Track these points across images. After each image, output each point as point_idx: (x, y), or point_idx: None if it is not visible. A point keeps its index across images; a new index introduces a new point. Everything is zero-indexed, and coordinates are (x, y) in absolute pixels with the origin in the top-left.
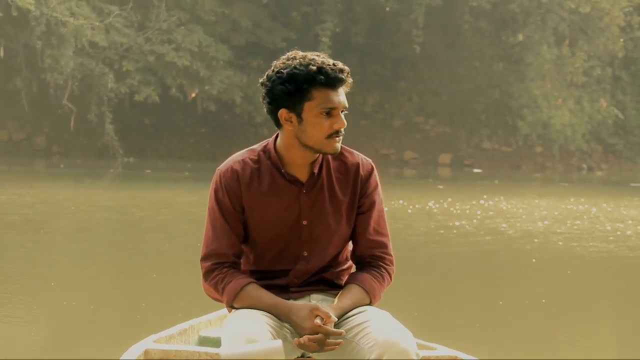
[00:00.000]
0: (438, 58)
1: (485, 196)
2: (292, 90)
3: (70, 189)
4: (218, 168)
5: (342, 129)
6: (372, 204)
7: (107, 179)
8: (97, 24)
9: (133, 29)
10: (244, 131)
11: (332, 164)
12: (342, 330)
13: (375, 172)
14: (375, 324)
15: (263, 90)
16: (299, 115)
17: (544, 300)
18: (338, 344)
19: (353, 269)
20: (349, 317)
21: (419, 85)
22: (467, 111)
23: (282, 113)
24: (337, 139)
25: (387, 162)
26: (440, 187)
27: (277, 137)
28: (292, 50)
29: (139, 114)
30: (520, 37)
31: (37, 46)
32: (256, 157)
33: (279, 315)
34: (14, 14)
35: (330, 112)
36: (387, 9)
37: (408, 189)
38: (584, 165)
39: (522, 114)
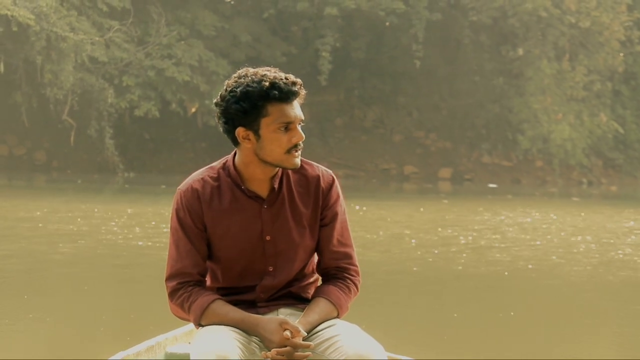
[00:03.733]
0: (438, 73)
1: (515, 210)
2: (247, 108)
3: (49, 203)
4: (178, 187)
5: (301, 142)
6: (335, 216)
7: (98, 193)
8: (97, 39)
9: (133, 44)
10: None
11: (293, 177)
12: (311, 343)
13: (337, 183)
14: (345, 338)
15: (218, 111)
16: (256, 133)
17: (512, 313)
18: (306, 356)
19: (319, 282)
20: (318, 332)
21: (419, 99)
22: (467, 126)
23: (240, 132)
24: (296, 153)
25: (387, 177)
26: (445, 201)
27: (235, 153)
28: (243, 68)
29: (139, 129)
30: (520, 51)
31: (37, 61)
32: (216, 175)
33: (247, 330)
34: (14, 29)
35: (287, 127)
36: (387, 23)
37: (412, 202)
38: (584, 180)
39: (522, 128)
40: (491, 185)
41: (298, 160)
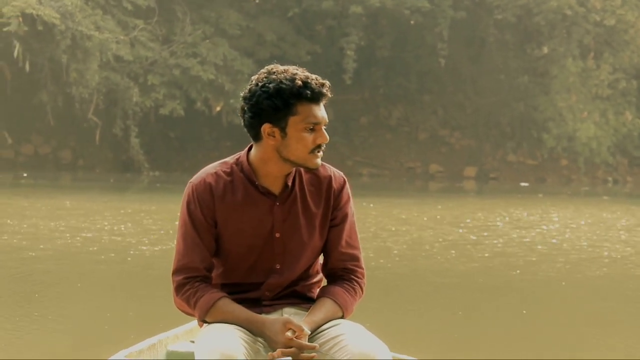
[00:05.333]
0: (463, 71)
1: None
2: (279, 105)
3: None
4: (190, 181)
5: (324, 144)
6: (345, 217)
7: (121, 192)
8: (122, 37)
9: (158, 43)
10: None
11: (305, 176)
12: (316, 344)
13: (347, 185)
14: (350, 337)
15: (246, 105)
16: (282, 130)
17: (524, 312)
18: (312, 357)
19: (323, 282)
20: (322, 331)
21: (444, 98)
22: (492, 124)
23: (265, 128)
24: (319, 154)
25: (412, 175)
26: (472, 199)
27: (249, 150)
28: (272, 65)
29: (164, 128)
30: (545, 50)
31: (63, 60)
32: (229, 170)
33: (252, 330)
34: (40, 28)
35: (314, 127)
36: (412, 22)
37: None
38: (610, 178)
39: (547, 126)
40: (523, 184)
41: (319, 161)
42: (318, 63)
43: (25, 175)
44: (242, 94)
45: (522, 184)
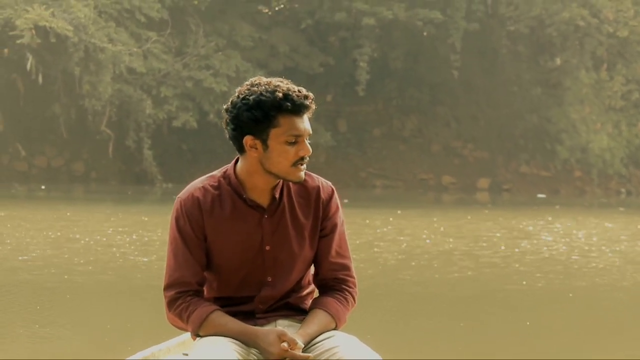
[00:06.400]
0: (476, 83)
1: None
2: (259, 116)
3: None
4: (178, 196)
5: (307, 157)
6: (334, 227)
7: (132, 204)
8: (135, 50)
9: (171, 55)
10: None
11: (293, 188)
12: (309, 355)
13: (336, 195)
14: (344, 349)
15: (227, 117)
16: (264, 142)
17: (528, 323)
18: None
19: (316, 293)
20: (317, 343)
21: (457, 110)
22: (505, 136)
23: (247, 140)
24: (301, 167)
25: (425, 187)
26: (486, 211)
27: (236, 162)
28: (255, 77)
29: (177, 140)
30: (558, 61)
31: (76, 72)
32: (216, 184)
33: (246, 342)
34: (53, 40)
35: (296, 139)
36: (425, 33)
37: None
38: (623, 190)
39: (560, 138)
40: (540, 196)
41: (303, 174)
42: (331, 75)
43: (43, 187)
44: (224, 106)
45: (540, 195)
